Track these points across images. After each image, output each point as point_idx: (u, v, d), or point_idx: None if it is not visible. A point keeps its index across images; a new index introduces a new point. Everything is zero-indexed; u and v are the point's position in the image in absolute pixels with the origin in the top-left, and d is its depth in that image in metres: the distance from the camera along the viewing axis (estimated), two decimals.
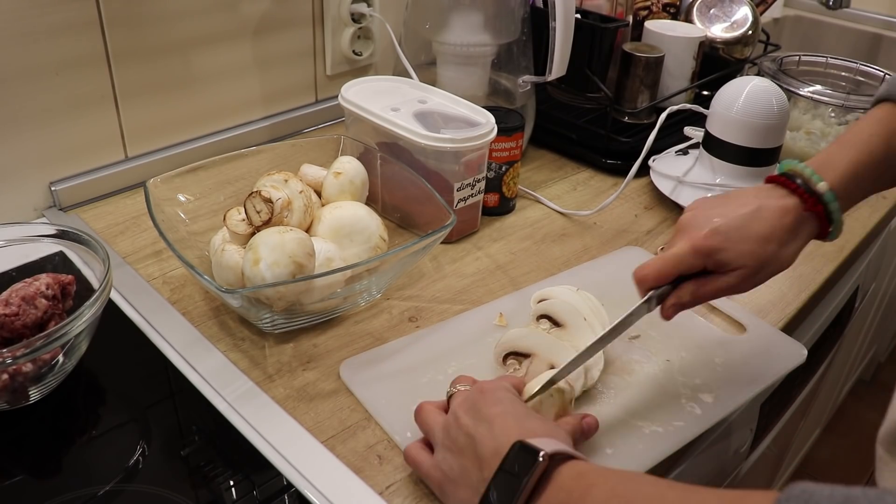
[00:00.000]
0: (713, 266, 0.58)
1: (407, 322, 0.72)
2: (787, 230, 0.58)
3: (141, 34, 0.87)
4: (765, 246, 0.58)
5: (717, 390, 0.65)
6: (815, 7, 1.65)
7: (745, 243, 0.58)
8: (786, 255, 0.59)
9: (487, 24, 0.94)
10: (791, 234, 0.59)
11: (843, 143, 0.61)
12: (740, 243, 0.58)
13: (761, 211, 0.59)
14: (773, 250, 0.58)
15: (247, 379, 0.65)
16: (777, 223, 0.58)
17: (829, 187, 0.58)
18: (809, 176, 0.58)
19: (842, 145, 0.61)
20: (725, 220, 0.58)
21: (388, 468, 0.57)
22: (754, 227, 0.58)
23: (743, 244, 0.58)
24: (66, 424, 0.62)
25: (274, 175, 0.73)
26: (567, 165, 1.05)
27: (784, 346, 0.72)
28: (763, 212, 0.59)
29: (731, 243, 0.58)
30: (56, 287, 0.63)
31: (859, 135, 0.61)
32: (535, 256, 0.83)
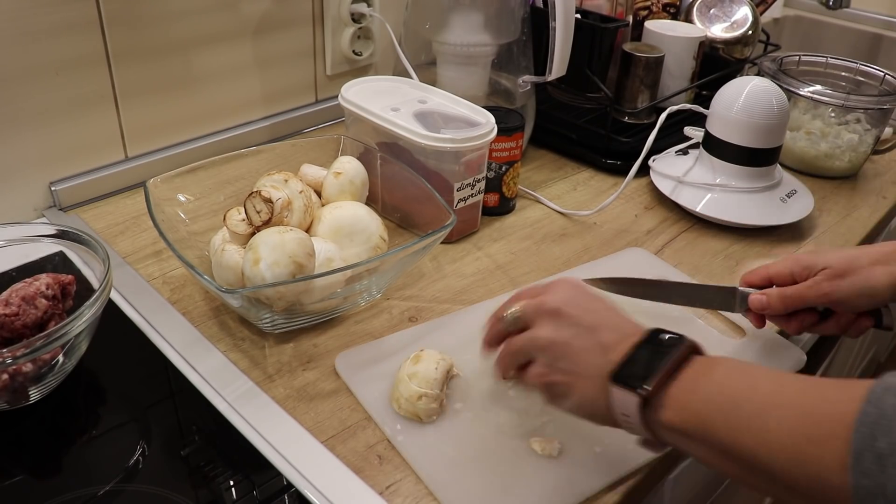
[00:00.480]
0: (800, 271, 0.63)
1: (407, 322, 0.72)
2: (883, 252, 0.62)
3: (141, 34, 0.87)
4: (856, 256, 0.62)
5: None
6: (815, 7, 1.65)
7: (836, 251, 0.63)
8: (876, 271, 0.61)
9: (487, 24, 0.94)
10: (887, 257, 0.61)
11: None
12: (832, 252, 0.64)
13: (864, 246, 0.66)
14: (864, 262, 0.61)
15: (247, 379, 0.65)
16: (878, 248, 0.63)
17: None
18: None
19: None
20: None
21: (388, 468, 0.57)
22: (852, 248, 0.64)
23: (834, 252, 0.63)
24: (66, 424, 0.62)
25: (274, 175, 0.73)
26: (567, 165, 1.05)
27: (783, 350, 0.71)
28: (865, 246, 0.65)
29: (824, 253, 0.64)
30: (56, 287, 0.63)
31: None
32: (535, 256, 0.83)
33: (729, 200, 0.90)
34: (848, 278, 0.61)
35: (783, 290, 0.64)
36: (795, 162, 1.05)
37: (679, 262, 0.84)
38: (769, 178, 0.91)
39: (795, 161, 1.05)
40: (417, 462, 0.57)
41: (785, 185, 0.93)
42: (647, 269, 0.81)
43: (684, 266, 0.83)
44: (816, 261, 0.63)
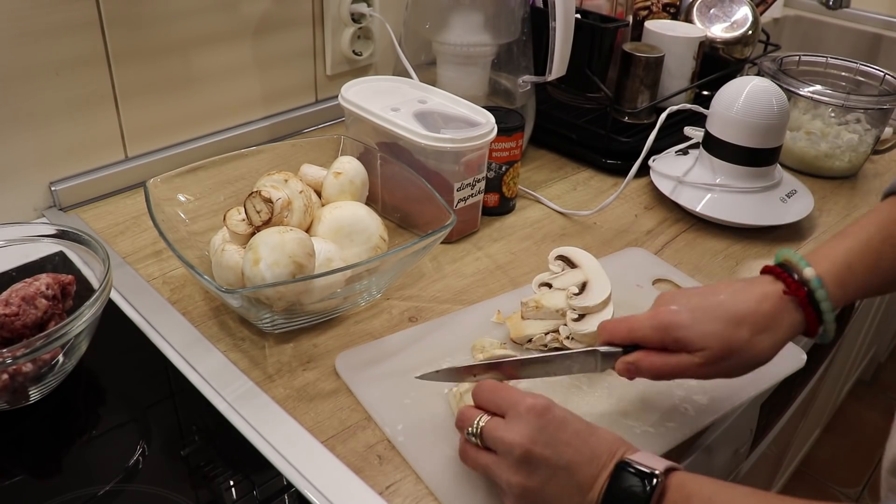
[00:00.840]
0: (672, 343, 0.55)
1: (407, 322, 0.72)
2: (764, 316, 0.54)
3: (141, 34, 0.87)
4: (735, 330, 0.54)
5: (712, 392, 0.65)
6: (815, 7, 1.65)
7: (711, 323, 0.54)
8: (760, 345, 0.54)
9: (487, 24, 0.94)
10: (769, 322, 0.54)
11: (840, 234, 0.59)
12: (706, 323, 0.54)
13: (738, 294, 0.55)
14: (745, 336, 0.54)
15: (247, 379, 0.65)
16: (753, 307, 0.54)
17: (815, 274, 0.55)
18: (797, 262, 0.56)
19: (838, 237, 0.59)
20: (699, 299, 0.56)
21: (388, 468, 0.57)
22: (726, 308, 0.55)
23: (709, 324, 0.54)
24: (66, 424, 0.62)
25: (274, 175, 0.73)
26: (567, 165, 1.05)
27: (783, 350, 0.71)
28: (740, 294, 0.55)
29: (696, 322, 0.54)
30: (56, 287, 0.63)
31: (856, 226, 0.59)
32: (535, 256, 0.83)
33: (729, 200, 0.90)
34: (731, 360, 0.54)
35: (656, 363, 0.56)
36: (795, 162, 1.05)
37: (679, 263, 0.84)
38: (769, 178, 0.91)
39: (795, 161, 1.05)
40: (418, 462, 0.57)
41: (785, 185, 0.93)
42: (647, 269, 0.81)
43: (684, 266, 0.83)
44: (690, 338, 0.54)
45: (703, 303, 0.55)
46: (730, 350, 0.54)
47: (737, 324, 0.54)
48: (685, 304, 0.55)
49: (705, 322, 0.54)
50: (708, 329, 0.54)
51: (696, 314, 0.55)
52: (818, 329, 0.56)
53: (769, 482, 1.39)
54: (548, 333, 0.67)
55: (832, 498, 1.68)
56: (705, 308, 0.55)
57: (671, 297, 0.57)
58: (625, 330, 0.57)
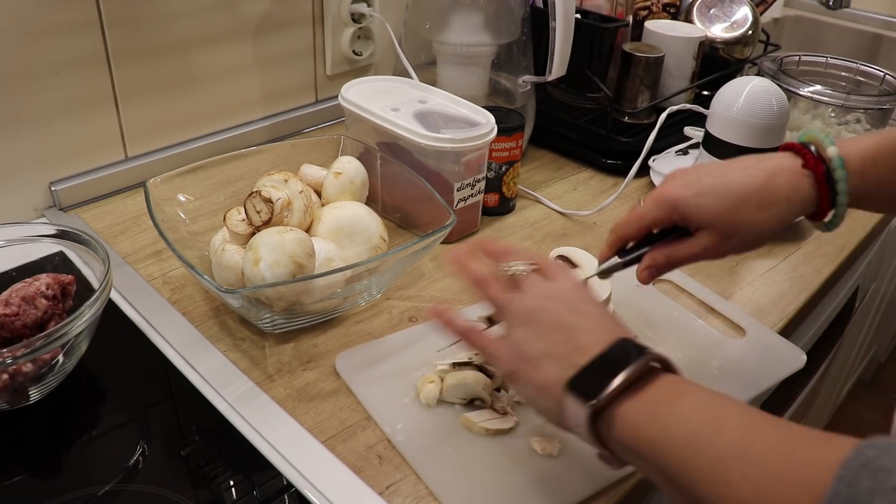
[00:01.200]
0: (679, 220, 0.55)
1: (407, 322, 0.72)
2: (773, 191, 0.53)
3: (141, 34, 0.87)
4: (739, 207, 0.53)
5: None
6: (815, 7, 1.65)
7: (715, 199, 0.53)
8: (763, 221, 0.53)
9: (487, 24, 0.94)
10: (777, 197, 0.53)
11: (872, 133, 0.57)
12: (711, 198, 0.53)
13: (749, 169, 0.54)
14: (748, 214, 0.53)
15: (247, 379, 0.65)
16: (763, 182, 0.53)
17: (839, 153, 0.53)
18: (822, 139, 0.54)
19: (870, 134, 0.57)
20: (706, 174, 0.54)
21: (388, 468, 0.57)
22: (733, 183, 0.54)
23: (713, 200, 0.53)
24: (66, 424, 0.62)
25: (274, 175, 0.73)
26: (567, 165, 1.05)
27: (783, 350, 0.71)
28: (751, 170, 0.54)
29: (701, 198, 0.54)
30: (56, 287, 0.63)
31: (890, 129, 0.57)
32: None
33: None
34: (734, 237, 0.55)
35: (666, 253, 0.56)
36: None
37: None
38: None
39: None
40: (418, 462, 0.57)
41: None
42: None
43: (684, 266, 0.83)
44: (695, 216, 0.54)
45: (711, 181, 0.54)
46: (732, 229, 0.54)
47: (742, 201, 0.53)
48: (694, 181, 0.55)
49: (711, 198, 0.54)
50: (713, 206, 0.53)
51: (702, 189, 0.54)
52: (828, 212, 0.54)
53: None
54: None
55: None
56: (713, 186, 0.54)
57: (682, 173, 0.56)
58: (634, 218, 0.57)
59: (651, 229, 0.58)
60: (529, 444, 0.58)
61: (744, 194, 0.53)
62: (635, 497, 0.58)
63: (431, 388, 0.61)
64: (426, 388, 0.62)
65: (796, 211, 0.54)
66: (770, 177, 0.53)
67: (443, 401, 0.62)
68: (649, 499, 0.62)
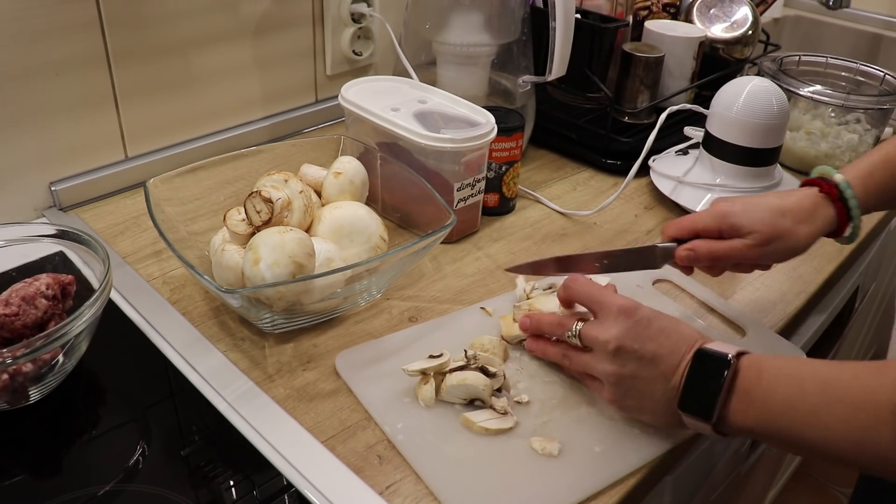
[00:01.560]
0: (728, 228, 0.66)
1: (407, 322, 0.72)
2: (804, 210, 0.66)
3: (141, 34, 0.87)
4: (779, 218, 0.65)
5: None
6: (815, 7, 1.65)
7: (760, 211, 0.66)
8: (801, 233, 0.66)
9: (487, 24, 0.94)
10: (807, 215, 0.66)
11: (865, 154, 0.71)
12: (756, 211, 0.66)
13: (781, 194, 0.68)
14: (789, 225, 0.65)
15: (247, 379, 0.65)
16: (796, 203, 0.67)
17: (843, 178, 0.67)
18: (829, 172, 0.68)
19: (864, 156, 0.71)
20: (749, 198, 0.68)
21: (388, 468, 0.57)
22: (772, 201, 0.67)
23: (759, 212, 0.66)
24: (66, 424, 0.62)
25: (274, 175, 0.73)
26: (567, 165, 1.05)
27: (782, 350, 0.72)
28: (783, 195, 0.68)
29: (747, 210, 0.66)
30: (56, 287, 0.63)
31: (878, 147, 0.71)
32: (535, 256, 0.83)
33: None
34: (776, 243, 0.65)
35: (713, 247, 0.66)
36: (795, 162, 1.05)
37: None
38: (769, 178, 0.91)
39: (795, 161, 1.05)
40: (418, 461, 0.57)
41: (785, 185, 0.93)
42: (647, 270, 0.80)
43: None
44: (742, 223, 0.65)
45: (753, 199, 0.68)
46: (776, 234, 0.65)
47: (781, 213, 0.66)
48: (738, 200, 0.68)
49: (756, 210, 0.66)
50: (757, 216, 0.66)
51: (748, 205, 0.67)
52: (847, 226, 0.68)
53: (769, 482, 1.39)
54: None
55: (833, 499, 1.68)
56: (756, 202, 0.67)
57: (725, 198, 0.69)
58: (687, 223, 0.69)
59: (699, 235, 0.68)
60: (529, 444, 0.58)
61: (783, 210, 0.66)
62: (635, 497, 0.58)
63: (427, 388, 0.61)
64: (422, 390, 0.62)
65: (824, 227, 0.67)
66: (800, 200, 0.67)
67: (442, 400, 0.62)
68: (649, 499, 0.62)
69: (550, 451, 0.57)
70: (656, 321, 0.58)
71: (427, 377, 0.62)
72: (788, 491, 1.59)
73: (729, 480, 0.88)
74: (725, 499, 0.89)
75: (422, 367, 0.62)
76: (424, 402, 0.61)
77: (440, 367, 0.61)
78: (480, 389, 0.60)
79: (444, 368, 0.62)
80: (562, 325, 0.62)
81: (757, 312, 0.76)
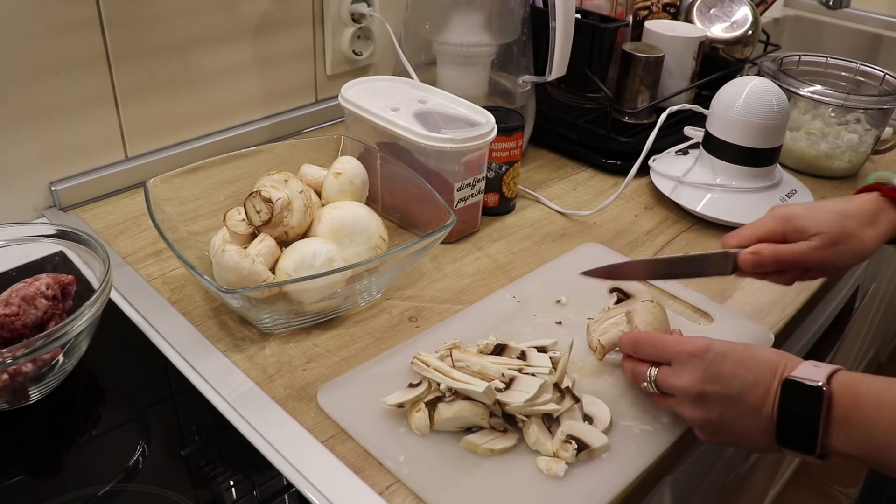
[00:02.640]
0: (792, 232, 0.65)
1: (407, 322, 0.72)
2: (868, 214, 0.65)
3: (141, 34, 0.87)
4: (845, 220, 0.64)
5: None
6: (815, 7, 1.65)
7: (824, 213, 0.65)
8: (867, 236, 0.64)
9: (487, 24, 0.94)
10: (871, 218, 0.65)
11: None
12: (820, 213, 0.65)
13: (843, 200, 0.67)
14: (854, 227, 0.64)
15: (247, 379, 0.65)
16: (858, 207, 0.66)
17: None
18: (887, 177, 0.68)
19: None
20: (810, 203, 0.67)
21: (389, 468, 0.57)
22: (834, 205, 0.66)
23: (823, 214, 0.65)
24: (66, 424, 0.62)
25: (274, 175, 0.73)
26: (567, 165, 1.05)
27: (750, 333, 0.72)
28: (846, 201, 0.67)
29: (811, 213, 0.65)
30: (56, 287, 0.63)
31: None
32: (535, 256, 0.83)
33: (729, 200, 0.90)
34: (843, 245, 0.64)
35: (777, 249, 0.65)
36: (795, 162, 1.05)
37: None
38: (769, 178, 0.91)
39: (795, 161, 1.05)
40: (430, 494, 0.54)
41: (785, 185, 0.93)
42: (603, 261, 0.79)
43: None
44: (807, 225, 0.64)
45: (813, 203, 0.67)
46: (842, 235, 0.64)
47: (846, 216, 0.65)
48: (798, 204, 0.67)
49: (820, 213, 0.65)
50: (822, 218, 0.64)
51: (811, 208, 0.66)
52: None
53: (769, 482, 1.39)
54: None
55: (833, 499, 1.68)
56: (817, 205, 0.66)
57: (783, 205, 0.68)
58: (748, 231, 0.67)
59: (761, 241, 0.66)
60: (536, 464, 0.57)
61: (847, 213, 0.65)
62: (635, 497, 0.58)
63: (419, 417, 0.58)
64: (414, 419, 0.59)
65: (888, 231, 0.66)
66: (862, 204, 0.66)
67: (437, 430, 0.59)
68: (649, 499, 0.62)
69: (556, 472, 0.56)
70: (732, 354, 0.55)
71: (417, 404, 0.59)
72: (788, 491, 1.59)
73: (729, 480, 0.88)
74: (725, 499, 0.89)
75: (399, 401, 0.59)
76: (419, 431, 0.59)
77: (418, 398, 0.59)
78: (479, 419, 0.58)
79: (423, 398, 0.59)
80: (635, 374, 0.60)
81: (757, 312, 0.76)
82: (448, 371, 0.60)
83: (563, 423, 0.59)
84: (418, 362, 0.62)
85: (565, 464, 0.56)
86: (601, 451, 0.58)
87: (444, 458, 0.57)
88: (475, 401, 0.58)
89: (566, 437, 0.57)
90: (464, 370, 0.60)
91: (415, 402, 0.59)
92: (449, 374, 0.60)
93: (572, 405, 0.60)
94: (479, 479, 0.56)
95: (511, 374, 0.59)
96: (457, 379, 0.59)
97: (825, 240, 0.64)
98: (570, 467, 0.56)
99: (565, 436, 0.57)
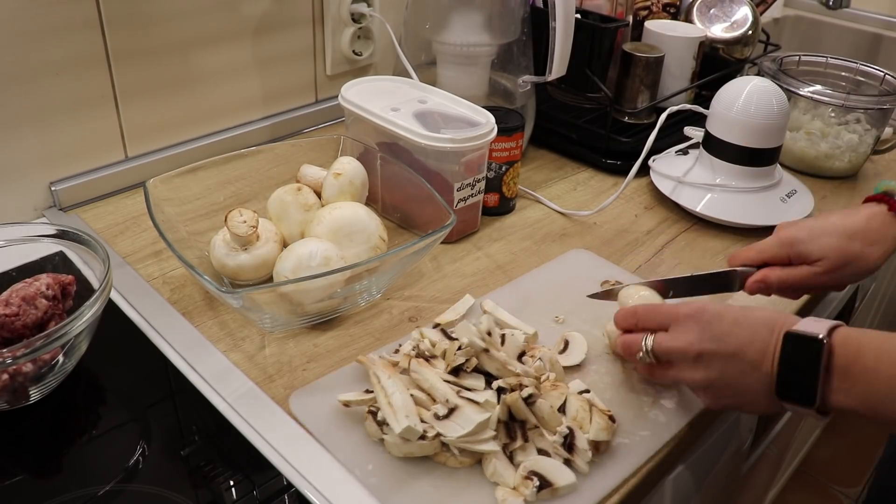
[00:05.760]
0: (796, 256, 0.65)
1: (407, 322, 0.72)
2: (873, 231, 0.64)
3: (141, 34, 0.87)
4: (849, 242, 0.64)
5: (679, 394, 0.64)
6: (815, 7, 1.65)
7: (828, 237, 0.64)
8: (872, 255, 0.64)
9: (487, 24, 0.94)
10: (877, 236, 0.64)
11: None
12: (824, 237, 0.64)
13: (847, 216, 0.66)
14: (858, 248, 0.64)
15: (247, 379, 0.65)
16: (863, 225, 0.65)
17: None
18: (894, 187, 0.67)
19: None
20: (814, 221, 0.66)
21: None
22: (840, 224, 0.65)
23: (826, 238, 0.64)
24: (66, 424, 0.62)
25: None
26: (567, 165, 1.05)
27: None
28: (849, 216, 0.66)
29: (815, 236, 0.64)
30: (56, 287, 0.63)
31: None
32: (535, 256, 0.83)
33: (729, 200, 0.90)
34: (847, 268, 0.64)
35: (782, 276, 0.65)
36: (795, 162, 1.05)
37: (679, 262, 0.84)
38: (769, 178, 0.91)
39: (795, 161, 1.05)
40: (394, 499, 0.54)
41: (785, 185, 0.93)
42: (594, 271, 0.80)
43: (684, 266, 0.83)
44: (811, 250, 0.64)
45: (818, 223, 0.65)
46: (845, 260, 0.64)
47: (851, 237, 0.64)
48: (804, 225, 0.66)
49: (824, 236, 0.64)
50: (825, 242, 0.64)
51: (814, 231, 0.65)
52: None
53: (769, 482, 1.39)
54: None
55: (833, 499, 1.68)
56: (822, 226, 0.65)
57: (790, 224, 0.67)
58: (754, 252, 0.67)
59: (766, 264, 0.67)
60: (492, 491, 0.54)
61: (851, 232, 0.64)
62: (635, 497, 0.58)
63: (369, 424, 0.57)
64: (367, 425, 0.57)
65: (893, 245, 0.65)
66: (867, 220, 0.65)
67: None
68: (648, 499, 0.62)
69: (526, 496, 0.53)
70: (727, 314, 0.56)
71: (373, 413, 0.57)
72: (788, 491, 1.59)
73: (729, 480, 0.88)
74: (725, 499, 0.89)
75: (347, 399, 0.58)
76: (372, 438, 0.57)
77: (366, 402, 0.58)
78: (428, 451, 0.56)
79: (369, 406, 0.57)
80: (629, 346, 0.60)
81: None
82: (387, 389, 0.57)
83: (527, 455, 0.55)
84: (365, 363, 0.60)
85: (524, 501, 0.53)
86: (566, 490, 0.54)
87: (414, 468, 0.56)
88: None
89: (528, 473, 0.54)
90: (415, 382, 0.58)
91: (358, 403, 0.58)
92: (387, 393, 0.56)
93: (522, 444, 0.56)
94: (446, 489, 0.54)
95: (455, 403, 0.56)
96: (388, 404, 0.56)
97: (827, 265, 0.64)
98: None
99: (527, 471, 0.54)
